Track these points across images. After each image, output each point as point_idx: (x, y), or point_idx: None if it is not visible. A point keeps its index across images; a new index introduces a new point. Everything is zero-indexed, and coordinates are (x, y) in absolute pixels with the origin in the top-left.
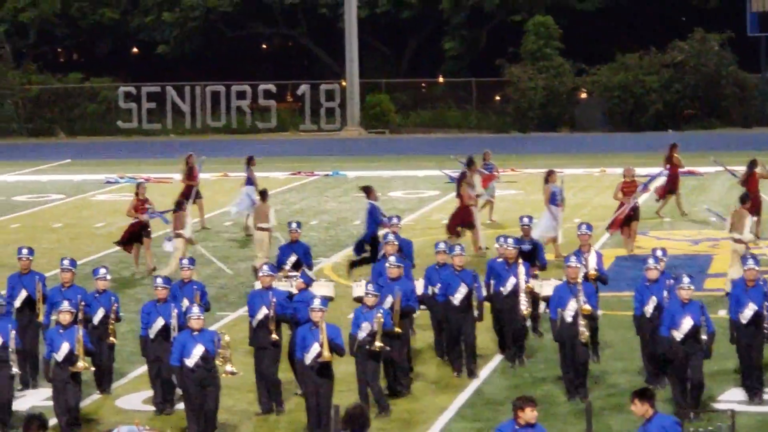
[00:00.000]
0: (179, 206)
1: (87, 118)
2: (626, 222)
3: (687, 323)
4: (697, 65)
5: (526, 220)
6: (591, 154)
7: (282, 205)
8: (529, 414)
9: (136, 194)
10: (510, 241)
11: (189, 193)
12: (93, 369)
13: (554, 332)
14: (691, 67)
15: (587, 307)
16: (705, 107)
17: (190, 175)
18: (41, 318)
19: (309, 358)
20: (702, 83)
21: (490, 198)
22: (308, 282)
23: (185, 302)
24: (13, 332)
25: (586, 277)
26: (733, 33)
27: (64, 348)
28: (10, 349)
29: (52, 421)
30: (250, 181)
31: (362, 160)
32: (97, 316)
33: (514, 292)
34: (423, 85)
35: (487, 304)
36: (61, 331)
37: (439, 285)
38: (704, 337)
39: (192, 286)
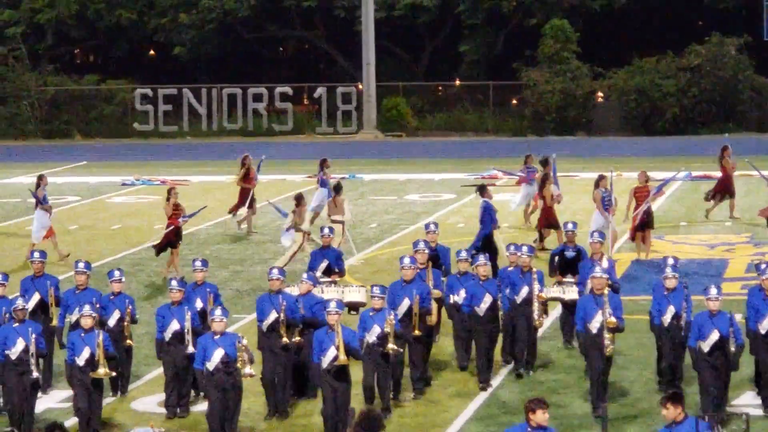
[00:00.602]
0: (298, 201)
1: (103, 120)
2: (640, 227)
3: (714, 335)
4: (714, 69)
5: (570, 225)
6: (607, 157)
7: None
8: (540, 416)
9: (168, 199)
10: (525, 249)
11: (247, 195)
12: (114, 374)
13: (580, 345)
14: (707, 71)
15: (612, 320)
16: (721, 111)
17: (246, 176)
18: (55, 322)
19: (326, 361)
20: (718, 87)
21: (532, 199)
22: (314, 283)
23: (198, 303)
24: (34, 336)
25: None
26: (750, 37)
27: (85, 352)
28: (31, 353)
29: (68, 422)
30: (324, 182)
31: (378, 164)
32: (113, 319)
33: (527, 300)
34: (440, 88)
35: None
36: (82, 335)
37: (462, 294)
38: (732, 349)
39: (205, 288)
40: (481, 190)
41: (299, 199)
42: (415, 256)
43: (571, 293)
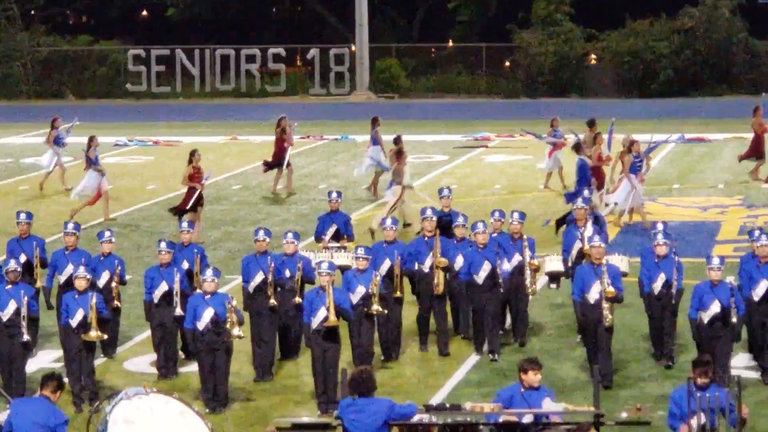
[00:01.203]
0: (398, 155)
1: (96, 81)
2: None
3: (715, 306)
4: (708, 32)
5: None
6: (600, 120)
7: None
8: (532, 377)
9: (191, 162)
10: (515, 215)
11: (282, 155)
12: (105, 337)
13: (577, 316)
14: (701, 33)
15: (611, 289)
16: (715, 73)
17: (282, 137)
18: (39, 283)
19: (316, 322)
20: (712, 50)
21: (557, 167)
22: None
23: (185, 265)
24: (26, 298)
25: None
26: None
27: (79, 315)
28: (22, 315)
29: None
30: (375, 141)
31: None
32: (102, 280)
33: (519, 268)
34: (433, 50)
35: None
36: (76, 296)
37: (460, 262)
38: (734, 319)
39: (192, 249)
40: (577, 147)
41: (399, 154)
42: (422, 224)
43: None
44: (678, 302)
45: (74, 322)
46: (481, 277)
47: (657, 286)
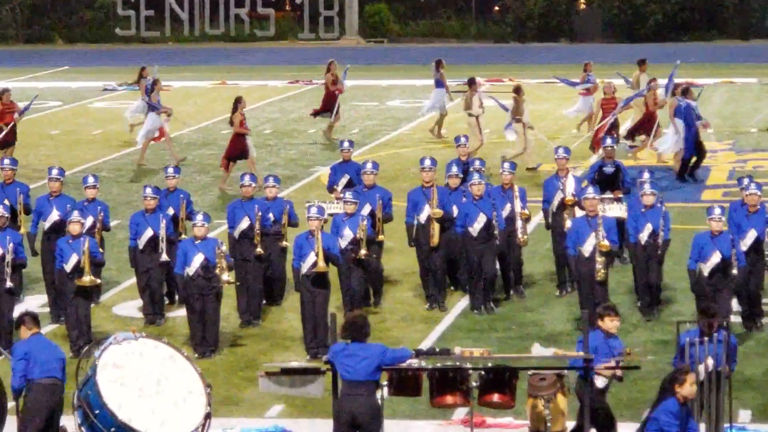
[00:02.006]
0: (517, 92)
1: (85, 25)
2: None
3: (716, 257)
4: None
5: (609, 141)
6: (594, 63)
7: (279, 114)
8: (609, 323)
9: (236, 109)
10: (506, 165)
11: (333, 101)
12: (99, 281)
13: (571, 269)
14: None
15: (606, 242)
16: (704, 18)
17: (335, 82)
18: (23, 230)
19: (305, 267)
20: None
21: (589, 110)
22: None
23: (170, 211)
24: (11, 244)
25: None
26: None
27: (73, 259)
28: (6, 261)
29: (49, 327)
30: (439, 83)
31: (360, 69)
32: (86, 225)
33: (511, 218)
34: None
35: None
36: (70, 241)
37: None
38: (735, 271)
39: (178, 194)
40: (685, 92)
41: (518, 91)
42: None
43: (613, 210)
44: (664, 253)
45: (68, 267)
46: (476, 229)
47: (643, 236)
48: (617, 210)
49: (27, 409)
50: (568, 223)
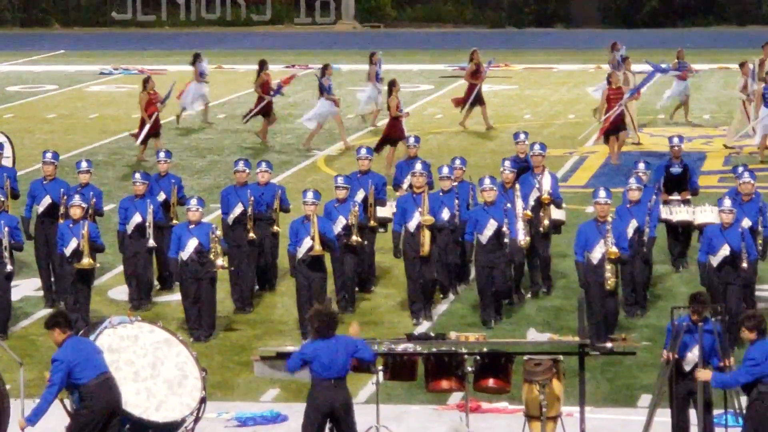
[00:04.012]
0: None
1: (81, 9)
2: (614, 131)
3: (725, 249)
4: None
5: (676, 140)
6: (586, 50)
7: (276, 99)
8: (695, 318)
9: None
10: (507, 164)
11: (473, 91)
12: (98, 265)
13: (579, 277)
14: None
15: (614, 249)
16: (701, 4)
17: (475, 73)
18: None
19: (301, 251)
20: None
21: (685, 96)
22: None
23: (162, 196)
24: (7, 228)
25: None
26: None
27: (73, 243)
28: (4, 246)
29: (42, 312)
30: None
31: (357, 54)
32: None
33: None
34: None
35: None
36: (71, 225)
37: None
38: (744, 265)
39: (169, 179)
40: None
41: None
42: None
43: (681, 214)
44: (650, 250)
45: (68, 251)
46: (485, 236)
47: (628, 231)
48: (684, 213)
49: (92, 412)
50: (528, 212)
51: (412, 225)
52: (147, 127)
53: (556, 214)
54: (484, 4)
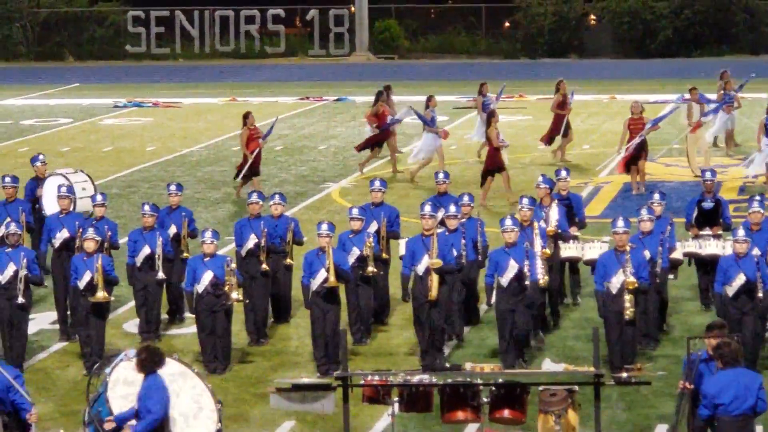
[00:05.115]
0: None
1: (95, 42)
2: (633, 161)
3: (740, 279)
4: None
5: (708, 174)
6: (600, 80)
7: (290, 131)
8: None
9: (489, 123)
10: (525, 201)
11: (560, 122)
12: (112, 299)
13: (599, 307)
14: None
15: (632, 279)
16: (714, 34)
17: (562, 104)
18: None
19: (315, 283)
20: (712, 9)
21: (731, 127)
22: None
23: (173, 229)
24: (25, 260)
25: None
26: None
27: (86, 276)
28: (20, 278)
29: (58, 345)
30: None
31: (370, 86)
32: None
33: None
34: (432, 10)
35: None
36: (85, 258)
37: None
38: (760, 294)
39: (180, 212)
40: None
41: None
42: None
43: (711, 247)
44: (664, 282)
45: (82, 284)
46: (506, 278)
47: None
48: (714, 247)
49: None
50: (547, 251)
51: (420, 269)
52: (249, 162)
53: (570, 250)
54: (497, 35)
